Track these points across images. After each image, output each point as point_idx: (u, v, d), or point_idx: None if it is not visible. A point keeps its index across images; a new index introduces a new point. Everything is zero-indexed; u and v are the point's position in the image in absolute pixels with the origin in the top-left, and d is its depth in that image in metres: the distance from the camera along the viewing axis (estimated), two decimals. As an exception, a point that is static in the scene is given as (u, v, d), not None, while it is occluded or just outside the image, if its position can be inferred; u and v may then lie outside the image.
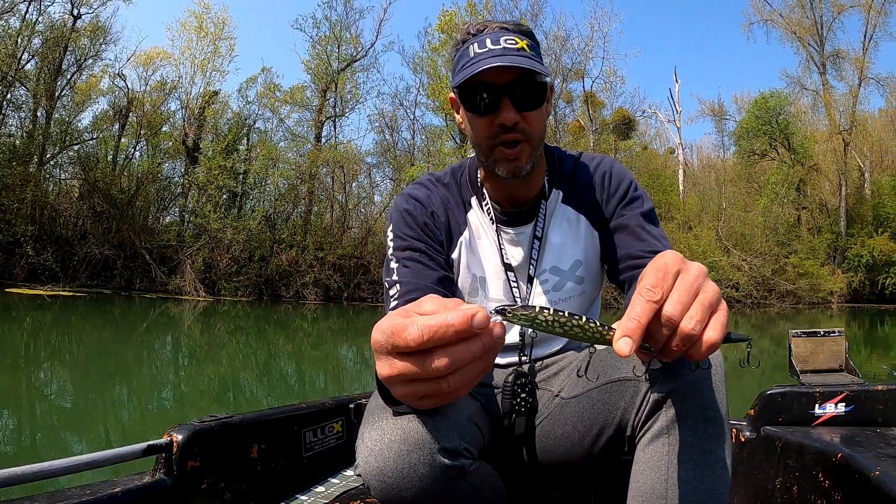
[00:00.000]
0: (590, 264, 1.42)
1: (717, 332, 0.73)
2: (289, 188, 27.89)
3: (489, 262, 1.42)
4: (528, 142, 1.27)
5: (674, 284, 0.76)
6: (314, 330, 15.70)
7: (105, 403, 5.97)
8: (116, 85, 27.24)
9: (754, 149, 35.03)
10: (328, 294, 24.84)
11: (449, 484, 1.03)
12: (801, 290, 29.54)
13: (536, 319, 0.74)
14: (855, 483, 1.42)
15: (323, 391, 7.48)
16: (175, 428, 1.51)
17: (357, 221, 29.48)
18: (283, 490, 1.79)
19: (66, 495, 1.27)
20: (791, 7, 34.97)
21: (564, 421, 1.33)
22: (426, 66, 30.34)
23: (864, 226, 33.06)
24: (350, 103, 30.58)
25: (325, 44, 29.66)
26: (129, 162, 27.26)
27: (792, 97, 35.11)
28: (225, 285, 23.82)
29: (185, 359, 9.77)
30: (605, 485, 1.42)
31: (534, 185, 1.40)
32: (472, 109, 1.26)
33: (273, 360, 10.14)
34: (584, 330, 0.75)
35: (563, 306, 1.39)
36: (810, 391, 1.89)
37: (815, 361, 2.30)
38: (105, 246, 22.96)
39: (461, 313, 0.67)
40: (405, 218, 1.37)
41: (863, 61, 33.38)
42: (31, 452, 4.21)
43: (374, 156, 31.92)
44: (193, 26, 28.67)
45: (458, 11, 28.74)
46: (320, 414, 1.96)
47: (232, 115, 29.22)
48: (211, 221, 24.43)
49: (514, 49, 1.21)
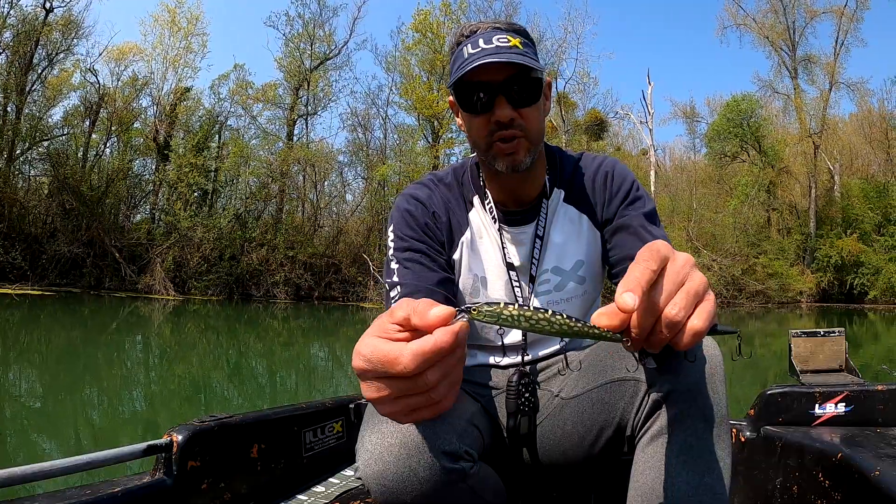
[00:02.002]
0: (591, 264, 1.44)
1: (702, 321, 0.73)
2: (259, 186, 28.12)
3: (490, 262, 1.43)
4: (526, 137, 1.29)
5: (663, 271, 0.76)
6: (284, 329, 15.95)
7: (75, 405, 6.00)
8: (88, 80, 27.35)
9: (725, 151, 36.01)
10: (299, 293, 25.29)
11: (449, 487, 1.05)
12: (771, 290, 30.51)
13: (501, 315, 0.74)
14: (855, 483, 1.44)
15: (294, 391, 7.60)
16: (175, 428, 1.54)
17: (328, 220, 29.81)
18: (283, 490, 1.81)
19: (66, 495, 1.29)
20: (765, 12, 35.98)
21: (564, 421, 1.34)
22: (399, 65, 30.68)
23: (834, 227, 34.15)
24: (322, 101, 31.02)
25: (298, 41, 30.09)
26: (99, 159, 27.35)
27: (763, 100, 36.25)
28: (195, 284, 24.12)
29: (155, 359, 9.81)
30: (605, 485, 1.45)
31: (535, 183, 1.42)
32: (469, 109, 1.29)
33: (244, 360, 10.28)
34: (552, 323, 0.75)
35: (565, 306, 1.43)
36: (810, 391, 1.91)
37: (815, 361, 2.33)
38: (74, 244, 23.07)
39: (448, 333, 0.68)
40: (406, 218, 1.39)
41: (834, 66, 34.41)
42: (1, 455, 4.22)
43: (345, 154, 32.30)
44: (166, 21, 28.77)
45: (433, 11, 29.21)
46: (320, 414, 1.98)
47: (204, 112, 29.41)
48: (181, 220, 24.70)
49: (507, 47, 1.24)
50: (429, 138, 29.57)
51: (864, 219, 33.79)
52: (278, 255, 25.49)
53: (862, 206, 34.20)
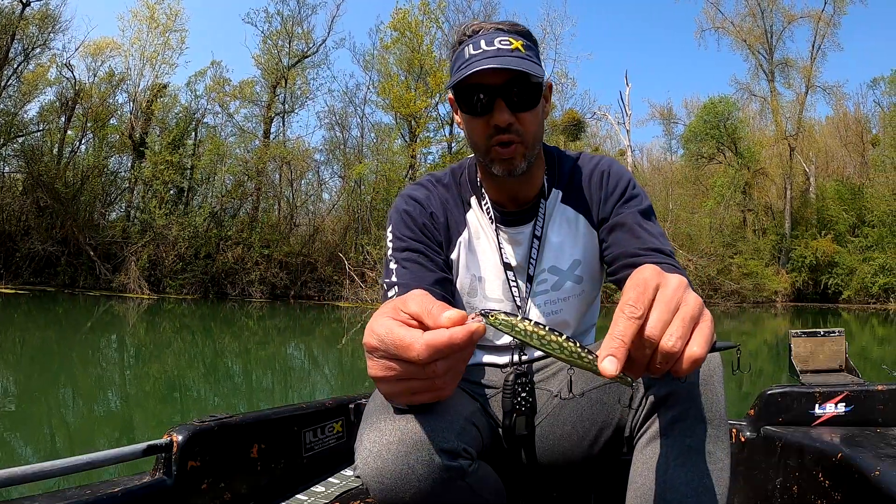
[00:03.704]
0: (589, 264, 1.45)
1: (701, 348, 0.72)
2: (235, 184, 28.10)
3: (488, 262, 1.45)
4: (523, 142, 1.30)
5: (654, 300, 0.75)
6: (260, 328, 16.07)
7: (50, 405, 6.00)
8: (64, 76, 27.17)
9: (702, 152, 36.70)
10: (274, 292, 25.40)
11: (448, 485, 1.06)
12: (746, 290, 31.18)
13: (516, 327, 0.75)
14: (855, 483, 1.45)
15: (270, 390, 7.62)
16: (175, 428, 1.54)
17: (305, 219, 29.88)
18: (283, 490, 1.82)
19: (66, 495, 1.29)
20: (743, 16, 36.55)
21: (563, 421, 1.36)
22: (377, 63, 30.72)
23: (809, 228, 34.92)
24: (300, 99, 31.08)
25: (276, 38, 30.03)
26: (74, 155, 27.21)
27: (740, 103, 37.01)
28: (170, 283, 24.19)
29: (130, 359, 9.83)
30: (604, 485, 1.47)
31: (533, 184, 1.43)
32: (468, 111, 1.31)
33: (220, 360, 10.31)
34: (563, 348, 0.75)
35: (562, 305, 1.45)
36: (810, 391, 1.91)
37: (815, 361, 2.35)
38: (49, 242, 23.08)
39: (463, 332, 0.72)
40: (404, 219, 1.41)
41: (810, 70, 35.12)
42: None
43: (322, 153, 32.36)
44: (145, 16, 28.59)
45: (412, 10, 29.28)
46: (320, 414, 1.99)
47: (180, 109, 29.32)
48: (156, 217, 24.71)
49: (508, 50, 1.24)
50: (406, 137, 29.72)
51: (839, 220, 34.51)
52: (254, 254, 25.50)
53: (836, 208, 34.94)
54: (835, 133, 39.76)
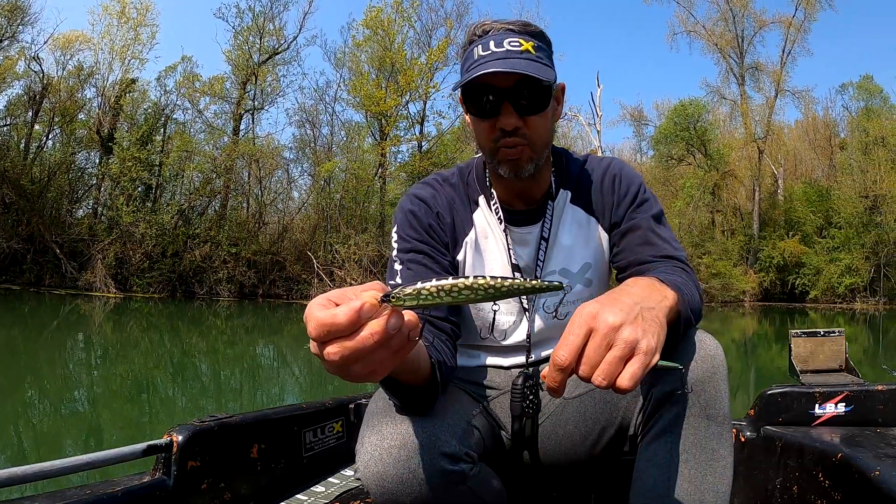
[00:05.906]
0: (599, 267, 1.45)
1: (627, 382, 0.79)
2: (203, 182, 28.12)
3: (496, 263, 1.44)
4: (530, 146, 1.29)
5: (585, 345, 0.81)
6: (228, 327, 16.20)
7: (16, 406, 5.98)
8: (32, 69, 26.90)
9: (672, 154, 37.66)
10: (242, 291, 25.65)
11: (449, 489, 1.07)
12: (714, 290, 31.81)
13: (420, 295, 0.73)
14: (855, 483, 1.46)
15: (239, 390, 7.63)
16: (175, 428, 1.54)
17: (274, 217, 30.02)
18: (283, 490, 1.83)
19: (66, 495, 1.30)
20: (715, 20, 37.23)
21: (567, 421, 1.38)
22: (349, 61, 30.93)
23: (776, 229, 35.87)
24: (270, 96, 31.15)
25: (247, 34, 30.05)
26: (41, 151, 27.18)
27: (710, 106, 37.89)
28: (137, 282, 24.31)
29: (97, 359, 9.82)
30: (605, 485, 1.49)
31: (541, 184, 1.43)
32: (475, 112, 1.31)
33: (187, 359, 10.35)
34: (474, 290, 0.74)
35: (570, 308, 1.44)
36: (810, 391, 1.92)
37: (815, 361, 2.35)
38: (14, 240, 23.11)
39: (348, 309, 0.70)
40: (410, 219, 1.40)
41: (780, 74, 35.96)
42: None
43: (292, 150, 32.50)
44: (116, 11, 28.50)
45: (385, 8, 29.57)
46: (320, 414, 1.99)
47: (149, 104, 29.25)
48: (124, 215, 24.73)
49: (518, 52, 1.24)
50: (376, 136, 29.98)
51: (806, 221, 35.38)
52: (222, 252, 25.59)
53: (804, 210, 35.82)
54: (803, 136, 40.85)
